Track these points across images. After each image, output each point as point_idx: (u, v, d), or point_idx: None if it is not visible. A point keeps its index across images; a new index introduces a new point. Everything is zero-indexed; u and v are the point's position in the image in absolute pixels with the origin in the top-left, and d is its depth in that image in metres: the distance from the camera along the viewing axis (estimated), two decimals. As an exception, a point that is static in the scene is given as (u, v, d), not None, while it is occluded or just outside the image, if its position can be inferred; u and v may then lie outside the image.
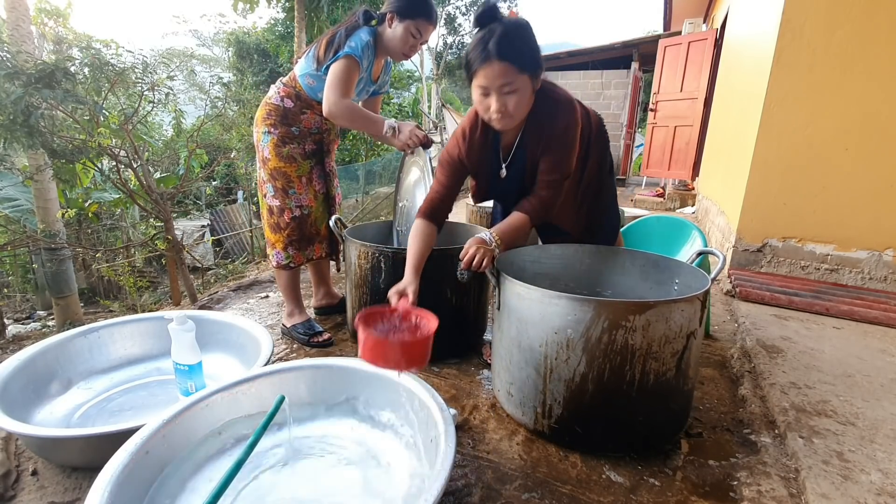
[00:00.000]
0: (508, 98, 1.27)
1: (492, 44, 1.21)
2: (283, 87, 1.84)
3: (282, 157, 1.83)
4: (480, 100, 1.31)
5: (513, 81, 1.24)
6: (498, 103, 1.27)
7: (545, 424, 1.29)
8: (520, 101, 1.29)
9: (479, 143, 1.47)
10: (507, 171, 1.51)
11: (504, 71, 1.22)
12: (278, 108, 1.82)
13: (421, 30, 1.73)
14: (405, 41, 1.73)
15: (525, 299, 1.25)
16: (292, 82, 1.83)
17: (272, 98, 1.85)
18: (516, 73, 1.24)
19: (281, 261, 1.91)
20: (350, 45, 1.66)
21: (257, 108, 1.92)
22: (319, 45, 1.74)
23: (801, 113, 2.59)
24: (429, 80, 18.42)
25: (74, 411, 1.38)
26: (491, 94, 1.27)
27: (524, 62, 1.24)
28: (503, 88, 1.25)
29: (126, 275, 4.96)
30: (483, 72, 1.24)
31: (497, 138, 1.50)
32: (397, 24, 1.71)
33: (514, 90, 1.26)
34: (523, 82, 1.27)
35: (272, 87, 1.89)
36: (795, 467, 1.21)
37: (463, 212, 4.24)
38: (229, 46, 14.17)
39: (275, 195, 1.86)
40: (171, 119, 5.41)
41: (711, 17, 6.72)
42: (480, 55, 1.23)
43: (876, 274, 2.62)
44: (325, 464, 1.11)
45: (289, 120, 1.83)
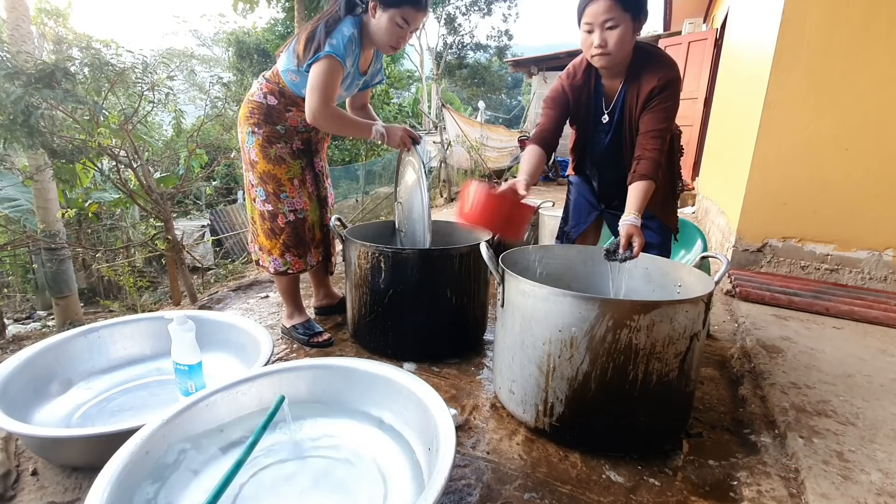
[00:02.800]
0: (609, 33, 1.37)
1: None
2: (265, 83, 1.73)
3: (270, 159, 1.74)
4: (585, 38, 1.43)
5: (615, 17, 1.35)
6: (600, 38, 1.38)
7: (546, 423, 1.29)
8: (621, 38, 1.38)
9: (581, 82, 1.58)
10: (608, 116, 1.58)
11: (608, 7, 1.34)
12: (261, 105, 1.72)
13: (408, 18, 1.59)
14: (391, 32, 1.60)
15: (530, 297, 1.26)
16: (275, 78, 1.72)
17: (255, 95, 1.74)
18: (619, 10, 1.35)
19: (279, 268, 1.83)
20: (331, 42, 1.54)
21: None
22: (299, 41, 1.61)
23: (801, 113, 2.59)
24: (429, 80, 18.42)
25: (74, 411, 1.38)
26: (594, 30, 1.39)
27: (627, 2, 1.35)
28: (605, 24, 1.36)
29: (126, 275, 4.96)
30: (590, 8, 1.37)
31: (599, 85, 1.58)
32: (381, 13, 1.58)
33: (616, 26, 1.36)
34: (625, 21, 1.36)
35: (255, 83, 1.78)
36: (795, 467, 1.21)
37: (463, 212, 4.24)
38: (229, 46, 14.16)
39: (266, 200, 1.77)
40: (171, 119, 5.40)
41: (711, 17, 6.72)
42: None
43: (876, 274, 2.62)
44: (324, 464, 1.11)
45: (273, 118, 1.73)
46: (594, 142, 1.67)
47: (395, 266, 1.67)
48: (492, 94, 24.48)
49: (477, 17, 18.38)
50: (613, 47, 1.39)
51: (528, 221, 1.24)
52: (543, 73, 10.27)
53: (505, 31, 19.40)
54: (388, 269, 1.68)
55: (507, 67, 16.91)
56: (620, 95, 1.54)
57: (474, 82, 21.93)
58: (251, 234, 1.91)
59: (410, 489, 1.02)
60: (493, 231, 1.61)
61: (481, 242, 1.41)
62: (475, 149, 8.24)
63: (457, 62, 19.84)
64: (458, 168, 8.60)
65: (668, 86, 1.44)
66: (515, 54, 17.52)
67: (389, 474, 1.08)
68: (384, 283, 1.69)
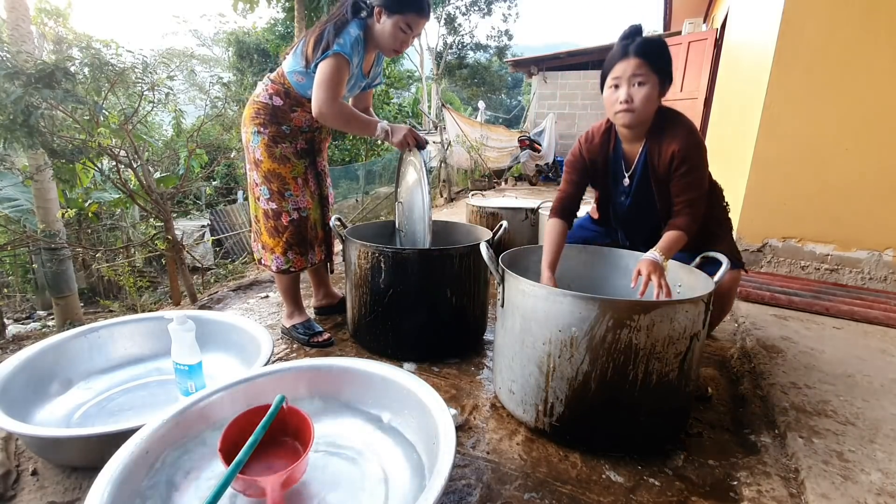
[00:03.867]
0: (636, 90, 1.40)
1: (633, 46, 1.39)
2: (271, 84, 1.76)
3: (275, 159, 1.76)
4: (610, 94, 1.45)
5: (644, 75, 1.38)
6: (626, 94, 1.40)
7: (546, 422, 1.29)
8: (647, 95, 1.40)
9: (599, 145, 1.61)
10: (629, 179, 1.61)
11: (639, 65, 1.38)
12: (267, 106, 1.75)
13: (411, 24, 1.63)
14: (395, 37, 1.64)
15: (530, 297, 1.26)
16: (280, 79, 1.75)
17: (260, 96, 1.76)
18: (648, 69, 1.38)
19: (281, 265, 1.84)
20: (339, 42, 1.58)
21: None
22: (307, 42, 1.64)
23: (801, 113, 2.59)
24: (429, 80, 18.42)
25: (74, 411, 1.38)
26: (622, 85, 1.41)
27: (657, 63, 1.39)
28: (633, 80, 1.39)
29: (126, 275, 4.95)
30: (619, 65, 1.41)
31: (619, 148, 1.60)
32: (386, 19, 1.62)
33: (644, 83, 1.39)
34: (652, 80, 1.39)
35: (259, 84, 1.81)
36: (795, 467, 1.21)
37: (463, 212, 4.24)
38: (229, 46, 14.16)
39: (270, 198, 1.79)
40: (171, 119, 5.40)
41: (711, 17, 6.72)
42: (620, 53, 1.41)
43: (876, 274, 2.62)
44: (324, 464, 1.11)
45: (278, 118, 1.75)
46: (616, 203, 1.70)
47: (395, 266, 1.67)
48: (492, 94, 24.47)
49: (477, 17, 18.42)
50: (639, 104, 1.40)
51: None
52: (543, 73, 10.27)
53: (505, 31, 19.42)
54: (388, 269, 1.68)
55: (507, 67, 16.90)
56: (641, 158, 1.55)
57: (474, 82, 21.93)
58: (254, 232, 1.92)
59: (411, 489, 1.02)
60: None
61: (481, 242, 1.41)
62: (475, 149, 8.24)
63: (457, 62, 19.84)
64: (458, 168, 8.60)
65: (692, 150, 1.44)
66: (515, 54, 17.53)
67: (390, 474, 1.08)
68: (384, 283, 1.69)
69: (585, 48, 10.00)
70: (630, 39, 1.42)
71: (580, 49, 10.13)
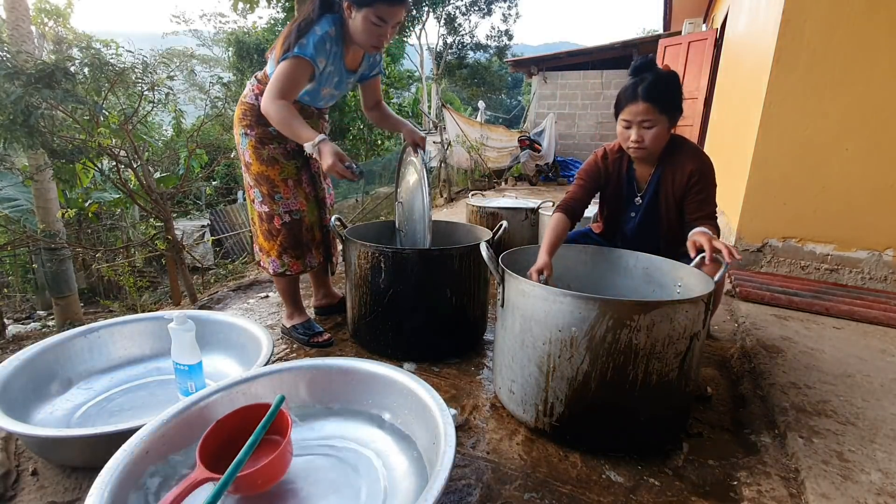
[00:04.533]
0: (646, 132, 1.51)
1: (641, 88, 1.47)
2: (257, 84, 1.72)
3: (263, 161, 1.73)
4: (622, 131, 1.57)
5: (652, 119, 1.49)
6: (637, 135, 1.52)
7: (546, 422, 1.29)
8: (656, 136, 1.51)
9: (613, 164, 1.71)
10: (640, 199, 1.70)
11: (647, 109, 1.48)
12: (253, 107, 1.71)
13: (383, 16, 1.52)
14: (368, 31, 1.55)
15: (530, 297, 1.26)
16: (265, 79, 1.70)
17: (247, 97, 1.74)
18: (657, 113, 1.48)
19: (277, 269, 1.82)
20: (301, 43, 1.53)
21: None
22: (277, 44, 1.61)
23: (801, 113, 2.59)
24: (429, 80, 18.42)
25: (74, 411, 1.37)
26: (632, 126, 1.52)
27: (665, 105, 1.49)
28: (643, 123, 1.50)
29: (126, 275, 4.96)
30: (629, 108, 1.51)
31: (631, 169, 1.71)
32: (355, 13, 1.54)
33: (652, 126, 1.50)
34: (661, 122, 1.50)
35: (247, 84, 1.78)
36: (795, 467, 1.21)
37: (463, 212, 4.24)
38: (229, 46, 14.15)
39: (262, 201, 1.76)
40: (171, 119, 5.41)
41: (711, 17, 6.72)
42: (630, 95, 1.50)
43: (876, 274, 2.62)
44: (324, 464, 1.11)
45: (264, 119, 1.66)
46: (624, 220, 1.78)
47: (395, 266, 1.67)
48: (492, 94, 24.47)
49: (477, 17, 18.40)
50: (650, 143, 1.52)
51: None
52: (543, 73, 10.26)
53: (505, 31, 19.40)
54: (388, 269, 1.68)
55: (507, 67, 16.90)
56: (654, 180, 1.66)
57: (474, 82, 21.93)
58: (253, 234, 1.92)
59: (410, 489, 1.02)
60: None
61: (481, 242, 1.41)
62: (475, 149, 8.24)
63: (457, 62, 19.83)
64: (458, 168, 8.60)
65: (705, 172, 1.58)
66: (515, 54, 17.51)
67: (389, 474, 1.08)
68: (384, 283, 1.69)
69: (585, 48, 10.00)
70: (640, 78, 1.49)
71: (580, 49, 10.13)
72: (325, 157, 1.47)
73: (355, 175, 1.50)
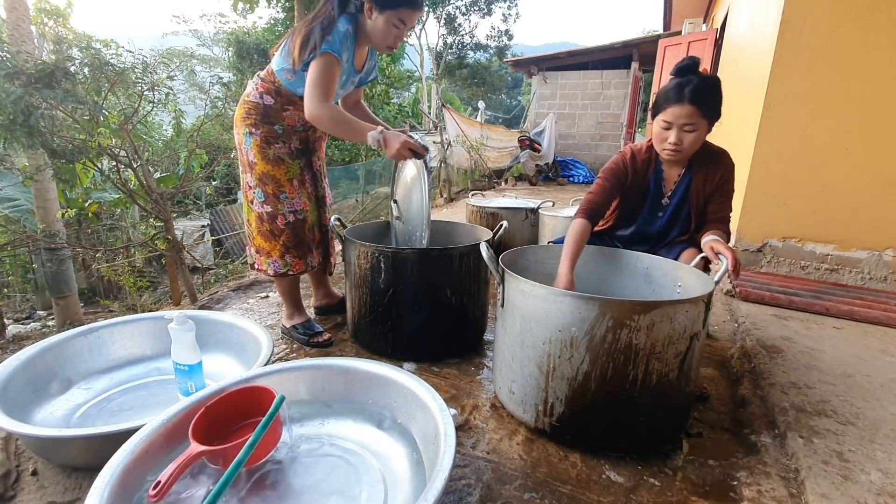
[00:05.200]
0: (687, 135, 1.48)
1: (688, 90, 1.43)
2: (261, 82, 1.71)
3: (269, 160, 1.72)
4: (660, 132, 1.52)
5: (695, 123, 1.46)
6: (676, 138, 1.48)
7: (546, 422, 1.29)
8: (694, 140, 1.49)
9: (641, 164, 1.66)
10: (668, 199, 1.69)
11: (691, 113, 1.44)
12: (258, 105, 1.70)
13: (404, 19, 1.58)
14: (388, 33, 1.60)
15: (530, 297, 1.26)
16: (271, 77, 1.70)
17: (251, 95, 1.72)
18: (700, 117, 1.45)
19: (279, 269, 1.80)
20: (328, 40, 1.53)
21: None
22: (293, 41, 1.59)
23: (801, 113, 2.59)
24: (429, 80, 18.41)
25: (74, 411, 1.37)
26: (672, 128, 1.48)
27: (709, 110, 1.46)
28: (685, 127, 1.46)
29: (126, 275, 4.95)
30: (672, 109, 1.46)
31: (659, 170, 1.68)
32: (377, 15, 1.57)
33: (694, 130, 1.47)
34: (702, 126, 1.47)
35: (249, 83, 1.76)
36: (795, 467, 1.21)
37: (463, 212, 4.24)
38: (229, 46, 14.14)
39: (265, 201, 1.74)
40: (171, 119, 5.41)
41: (711, 17, 6.72)
42: (675, 96, 1.45)
43: (876, 274, 2.62)
44: (324, 464, 1.11)
45: (270, 118, 1.71)
46: (648, 221, 1.76)
47: (394, 266, 1.67)
48: (492, 94, 24.48)
49: (477, 17, 18.40)
50: (688, 147, 1.50)
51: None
52: (543, 73, 10.26)
53: (505, 31, 19.41)
54: (388, 269, 1.68)
55: (507, 67, 16.89)
56: (684, 182, 1.65)
57: (474, 82, 21.93)
58: (248, 237, 1.89)
59: (411, 489, 1.02)
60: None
61: (481, 242, 1.41)
62: (475, 149, 8.24)
63: (457, 62, 19.84)
64: (458, 168, 8.60)
65: (731, 178, 1.61)
66: (515, 54, 17.51)
67: (389, 474, 1.08)
68: (384, 283, 1.69)
69: (585, 48, 10.00)
70: (686, 79, 1.45)
71: (580, 49, 10.13)
72: (393, 143, 1.57)
73: (424, 150, 1.63)
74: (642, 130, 11.65)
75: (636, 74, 9.31)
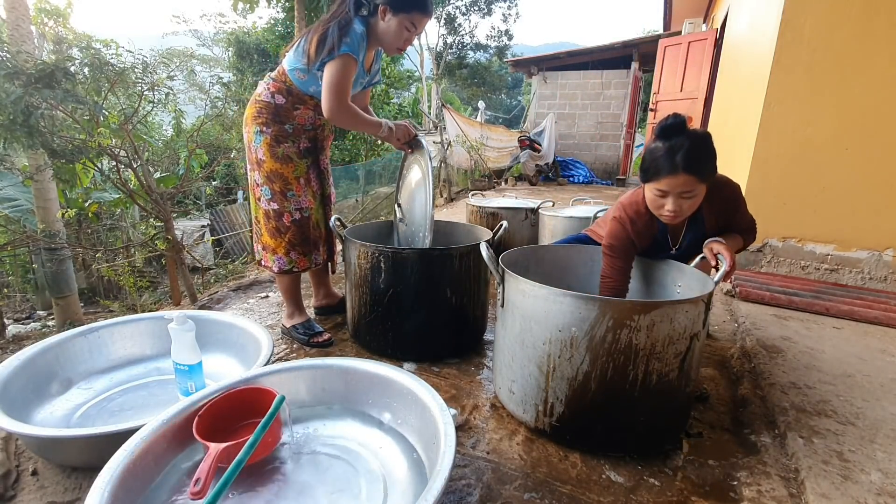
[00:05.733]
0: (685, 202, 1.38)
1: (680, 157, 1.31)
2: (272, 82, 1.75)
3: (277, 158, 1.75)
4: (654, 199, 1.41)
5: (692, 190, 1.36)
6: (674, 206, 1.37)
7: (546, 422, 1.29)
8: (693, 204, 1.40)
9: (646, 226, 1.54)
10: (677, 249, 1.62)
11: (687, 182, 1.33)
12: (269, 104, 1.73)
13: (416, 23, 1.64)
14: (399, 36, 1.65)
15: (530, 297, 1.26)
16: (282, 77, 1.74)
17: (262, 95, 1.75)
18: (696, 183, 1.34)
19: (283, 266, 1.83)
20: (346, 41, 1.57)
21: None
22: (310, 41, 1.62)
23: (801, 113, 2.59)
24: (429, 80, 18.41)
25: (74, 411, 1.37)
26: (669, 196, 1.38)
27: (705, 175, 1.35)
28: (683, 195, 1.36)
29: (126, 275, 4.95)
30: (667, 180, 1.35)
31: (664, 227, 1.58)
32: (391, 17, 1.62)
33: (692, 196, 1.37)
34: (700, 190, 1.38)
35: (260, 83, 1.79)
36: (795, 467, 1.21)
37: (463, 212, 4.24)
38: (229, 46, 14.16)
39: (272, 199, 1.78)
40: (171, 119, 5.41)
41: (711, 17, 6.72)
42: (668, 165, 1.33)
43: (876, 274, 2.62)
44: (324, 463, 1.11)
45: (281, 117, 1.74)
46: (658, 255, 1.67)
47: (395, 266, 1.67)
48: (492, 94, 24.47)
49: (477, 17, 18.41)
50: (686, 211, 1.41)
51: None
52: (543, 73, 10.26)
53: (505, 31, 19.40)
54: (388, 269, 1.68)
55: (507, 67, 16.89)
56: (691, 230, 1.57)
57: (474, 82, 21.93)
58: (255, 234, 1.92)
59: (410, 489, 1.02)
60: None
61: (481, 242, 1.41)
62: (475, 149, 8.24)
63: (457, 62, 19.83)
64: (458, 168, 8.60)
65: (738, 195, 1.53)
66: (515, 54, 17.51)
67: (389, 474, 1.08)
68: (384, 282, 1.69)
69: (585, 48, 9.99)
70: (675, 143, 1.32)
71: (580, 49, 10.12)
72: (401, 126, 1.83)
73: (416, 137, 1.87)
74: (642, 130, 11.67)
75: (636, 74, 9.31)
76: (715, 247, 1.42)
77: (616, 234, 1.54)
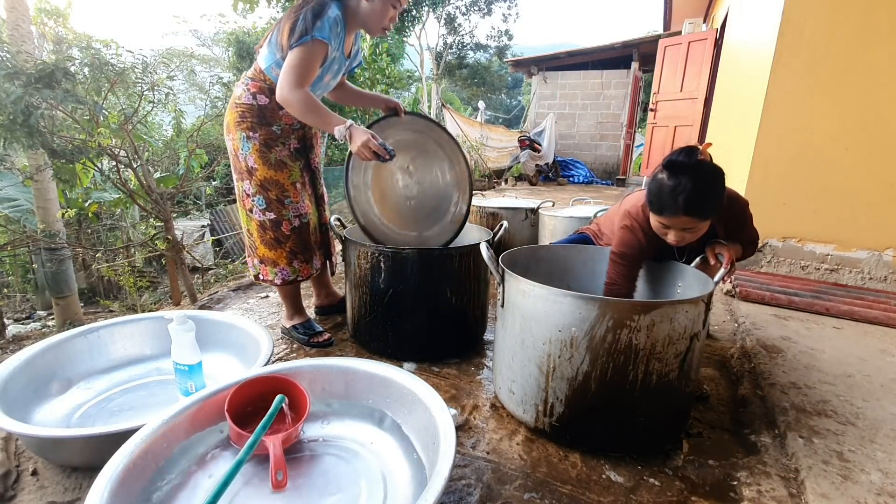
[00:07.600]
0: (687, 234, 1.38)
1: (682, 199, 1.28)
2: (251, 82, 1.64)
3: (271, 165, 1.66)
4: (658, 227, 1.41)
5: (694, 227, 1.36)
6: (677, 237, 1.38)
7: (546, 422, 1.29)
8: (697, 234, 1.39)
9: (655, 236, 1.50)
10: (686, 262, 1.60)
11: (688, 221, 1.33)
12: (252, 107, 1.63)
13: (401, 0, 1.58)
14: (383, 15, 1.58)
15: (530, 296, 1.26)
16: (260, 76, 1.64)
17: (242, 97, 1.64)
18: (698, 221, 1.34)
19: (287, 277, 1.77)
20: (318, 26, 1.47)
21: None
22: (282, 30, 1.52)
23: (801, 113, 2.59)
24: (429, 80, 18.41)
25: (74, 411, 1.37)
26: (671, 229, 1.38)
27: (707, 214, 1.34)
28: (686, 230, 1.37)
29: (126, 275, 4.96)
30: (668, 219, 1.35)
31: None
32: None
33: (695, 230, 1.38)
34: (703, 226, 1.37)
35: (238, 85, 1.68)
36: (795, 467, 1.21)
37: (463, 212, 4.24)
38: (229, 46, 14.13)
39: (267, 208, 1.69)
40: (171, 119, 5.40)
41: (711, 17, 6.72)
42: (670, 205, 1.31)
43: (876, 274, 2.62)
44: (324, 463, 1.11)
45: (267, 118, 1.65)
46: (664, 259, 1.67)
47: (395, 266, 1.67)
48: (492, 94, 24.47)
49: (477, 17, 18.40)
50: (690, 240, 1.41)
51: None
52: (543, 73, 10.26)
53: (505, 31, 19.40)
54: (388, 269, 1.68)
55: (507, 67, 16.89)
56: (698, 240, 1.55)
57: (474, 82, 21.93)
58: (248, 247, 1.84)
59: (410, 489, 1.02)
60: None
61: (481, 242, 1.41)
62: (475, 149, 8.24)
63: (457, 62, 19.83)
64: (458, 168, 8.59)
65: (745, 210, 1.54)
66: (515, 54, 17.51)
67: (389, 474, 1.08)
68: (384, 283, 1.69)
69: (585, 48, 10.00)
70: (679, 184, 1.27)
71: (580, 49, 10.12)
72: (357, 139, 1.50)
73: (388, 154, 1.52)
74: (642, 130, 11.65)
75: (636, 74, 9.31)
76: (716, 247, 1.42)
77: (628, 241, 1.50)
